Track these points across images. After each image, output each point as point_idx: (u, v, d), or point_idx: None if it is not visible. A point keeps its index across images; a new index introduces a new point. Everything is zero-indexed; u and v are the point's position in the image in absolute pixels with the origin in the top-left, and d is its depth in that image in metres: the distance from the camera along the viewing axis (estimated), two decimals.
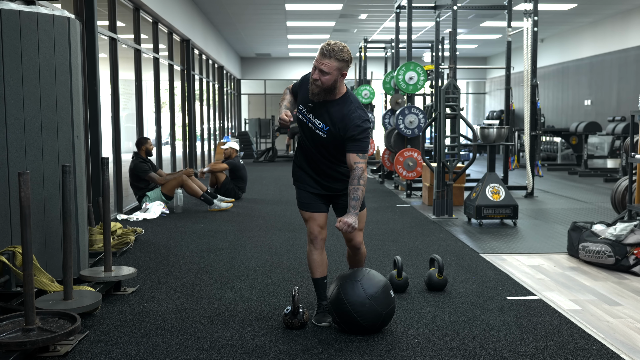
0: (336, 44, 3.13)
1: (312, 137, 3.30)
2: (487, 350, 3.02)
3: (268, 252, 5.22)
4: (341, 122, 3.18)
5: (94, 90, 6.13)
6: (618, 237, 4.64)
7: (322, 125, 3.22)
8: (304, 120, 3.30)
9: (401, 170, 8.64)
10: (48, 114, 3.81)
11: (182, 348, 3.06)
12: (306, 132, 3.32)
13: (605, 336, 3.23)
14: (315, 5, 12.32)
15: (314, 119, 3.25)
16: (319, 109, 3.24)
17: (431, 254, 4.36)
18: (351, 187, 3.19)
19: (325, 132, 3.22)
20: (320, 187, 3.40)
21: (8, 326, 2.92)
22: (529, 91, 8.72)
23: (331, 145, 3.26)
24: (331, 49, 3.10)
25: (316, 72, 3.13)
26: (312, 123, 3.26)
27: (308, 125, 3.28)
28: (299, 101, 3.36)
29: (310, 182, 3.40)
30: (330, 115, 3.21)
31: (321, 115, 3.23)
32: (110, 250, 4.06)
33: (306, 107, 3.29)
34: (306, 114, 3.29)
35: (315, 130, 3.26)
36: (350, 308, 3.17)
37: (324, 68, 3.10)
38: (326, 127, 3.22)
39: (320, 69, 3.11)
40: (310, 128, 3.28)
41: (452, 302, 3.81)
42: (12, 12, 3.66)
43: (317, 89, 3.16)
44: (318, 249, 3.39)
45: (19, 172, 2.77)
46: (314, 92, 3.18)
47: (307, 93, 3.27)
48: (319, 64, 3.11)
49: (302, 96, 3.33)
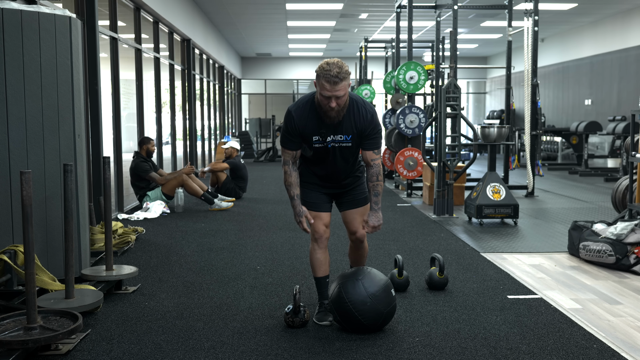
0: (334, 65, 3.00)
1: (334, 154, 3.24)
2: (488, 348, 3.02)
3: (269, 252, 5.22)
4: (358, 123, 3.19)
5: (95, 90, 6.13)
6: (619, 236, 4.64)
7: (345, 137, 3.20)
8: (323, 147, 3.21)
9: (402, 170, 8.65)
10: (49, 113, 3.82)
11: (184, 347, 3.06)
12: (329, 153, 3.24)
13: (605, 335, 3.24)
14: (315, 5, 12.32)
15: (336, 137, 3.19)
16: (334, 126, 3.19)
17: (432, 253, 4.36)
18: (371, 184, 3.27)
19: (350, 141, 3.22)
20: (329, 186, 3.41)
21: (10, 325, 2.93)
22: (530, 91, 8.72)
23: (355, 149, 3.27)
24: (336, 74, 2.98)
25: (332, 100, 3.02)
26: (335, 142, 3.20)
27: (330, 146, 3.21)
28: (306, 136, 3.20)
29: (318, 182, 3.41)
30: (346, 124, 3.18)
31: (339, 129, 3.18)
32: (112, 250, 4.06)
33: (319, 134, 3.19)
34: (324, 140, 3.20)
35: (341, 145, 3.21)
36: (351, 307, 3.17)
37: (340, 93, 3.02)
38: (349, 136, 3.20)
39: (336, 96, 3.02)
40: (333, 147, 3.22)
41: (453, 301, 3.82)
42: (13, 11, 3.67)
43: (335, 112, 3.08)
44: (322, 248, 3.40)
45: (21, 171, 2.78)
46: (332, 117, 3.10)
47: (313, 123, 3.16)
48: (332, 93, 3.00)
49: (309, 130, 3.18)
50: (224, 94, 17.48)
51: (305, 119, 3.16)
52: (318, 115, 3.16)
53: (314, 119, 3.16)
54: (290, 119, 3.19)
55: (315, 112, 3.16)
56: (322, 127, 3.17)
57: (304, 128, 3.18)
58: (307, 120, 3.16)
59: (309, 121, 3.17)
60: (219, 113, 16.72)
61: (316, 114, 3.16)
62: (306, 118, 3.16)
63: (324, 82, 3.00)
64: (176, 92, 11.14)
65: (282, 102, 22.89)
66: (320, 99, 3.07)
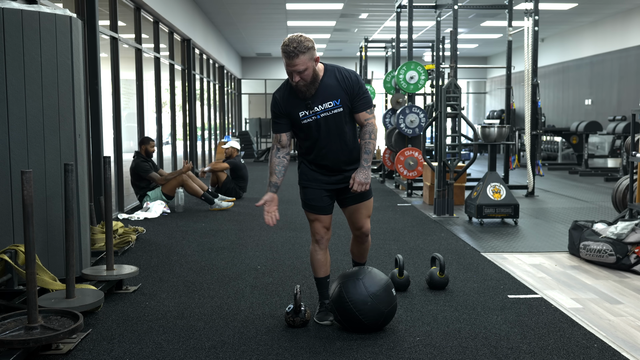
0: (293, 40, 3.00)
1: (327, 128, 3.18)
2: (488, 348, 3.02)
3: (269, 251, 5.22)
4: (344, 84, 3.15)
5: (96, 90, 6.14)
6: (619, 235, 4.64)
7: (334, 102, 3.15)
8: (313, 121, 3.18)
9: (402, 170, 8.65)
10: (50, 112, 3.82)
11: (185, 346, 3.06)
12: (320, 126, 3.18)
13: (606, 334, 3.24)
14: (316, 4, 12.32)
15: (324, 104, 3.14)
16: (319, 96, 3.15)
17: (432, 253, 4.36)
18: (362, 141, 3.21)
19: (340, 105, 3.16)
20: (333, 180, 3.32)
21: (11, 324, 2.93)
22: (530, 91, 8.72)
23: (347, 116, 3.20)
24: (293, 49, 2.98)
25: (294, 75, 3.04)
26: (325, 111, 3.15)
27: (320, 117, 3.16)
28: (293, 113, 3.20)
29: (321, 179, 3.33)
30: (331, 90, 3.15)
31: (325, 97, 3.14)
32: (112, 249, 4.06)
33: (307, 108, 3.17)
34: (312, 113, 3.17)
35: (333, 113, 3.15)
36: (352, 306, 3.17)
37: (299, 68, 3.01)
38: (338, 100, 3.15)
39: (296, 70, 3.02)
40: (325, 118, 3.16)
41: (453, 300, 3.82)
42: (14, 11, 3.67)
43: (305, 87, 3.09)
44: (322, 249, 3.40)
45: (22, 171, 2.78)
46: (303, 91, 3.10)
47: (296, 100, 3.16)
48: (291, 68, 3.02)
49: (294, 107, 3.18)
50: (224, 94, 17.48)
51: (287, 98, 3.19)
52: None
53: (297, 99, 3.18)
54: (275, 102, 3.23)
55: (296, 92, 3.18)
56: (307, 101, 3.15)
57: (288, 106, 3.19)
58: (289, 98, 3.18)
59: (291, 99, 3.18)
60: (219, 113, 16.72)
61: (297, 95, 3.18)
62: (288, 97, 3.19)
63: (284, 58, 3.03)
64: (176, 92, 11.14)
65: None
66: (289, 75, 3.08)
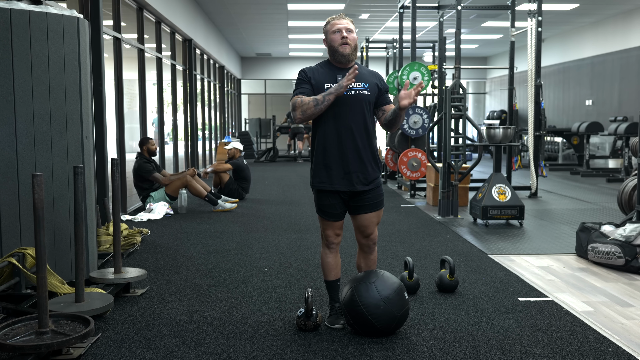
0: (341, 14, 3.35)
1: (350, 104, 3.22)
2: (503, 352, 3.00)
3: (275, 253, 5.19)
4: (373, 77, 3.37)
5: (100, 91, 6.10)
6: (628, 238, 4.62)
7: (363, 85, 3.29)
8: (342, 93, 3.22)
9: (405, 171, 8.62)
10: (57, 114, 3.79)
11: (196, 351, 3.03)
12: (345, 102, 3.22)
13: (620, 338, 3.22)
14: (317, 5, 12.30)
15: (354, 84, 3.27)
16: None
17: (440, 255, 4.35)
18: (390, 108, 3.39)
19: (368, 90, 3.30)
20: (349, 178, 3.25)
21: (21, 329, 2.90)
22: (533, 91, 8.70)
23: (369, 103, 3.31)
24: (342, 16, 3.31)
25: (344, 32, 3.25)
26: (353, 90, 3.26)
27: (348, 93, 3.23)
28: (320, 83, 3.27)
29: (336, 179, 3.25)
30: (362, 75, 3.31)
31: (358, 78, 3.29)
32: (120, 252, 4.03)
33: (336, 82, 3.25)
34: None
35: (359, 93, 3.25)
36: (364, 310, 3.15)
37: (349, 26, 3.27)
38: (367, 84, 3.30)
39: (346, 28, 3.26)
40: (351, 96, 3.24)
41: (464, 303, 3.79)
42: (21, 12, 3.64)
43: (349, 47, 3.25)
44: (333, 252, 3.38)
45: (33, 174, 2.75)
46: (346, 53, 3.25)
47: (326, 75, 3.29)
48: (342, 25, 3.26)
49: (324, 77, 3.28)
50: (224, 94, 17.44)
51: (318, 70, 3.32)
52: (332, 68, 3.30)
53: (328, 72, 3.30)
54: (303, 72, 3.33)
55: (329, 67, 3.32)
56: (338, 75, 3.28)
57: (317, 75, 3.29)
58: (320, 71, 3.32)
59: (323, 72, 3.31)
60: (219, 113, 16.69)
61: (330, 68, 3.31)
62: (319, 69, 3.32)
63: (335, 21, 3.29)
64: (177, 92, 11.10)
65: (281, 102, 22.86)
66: (334, 37, 3.27)
